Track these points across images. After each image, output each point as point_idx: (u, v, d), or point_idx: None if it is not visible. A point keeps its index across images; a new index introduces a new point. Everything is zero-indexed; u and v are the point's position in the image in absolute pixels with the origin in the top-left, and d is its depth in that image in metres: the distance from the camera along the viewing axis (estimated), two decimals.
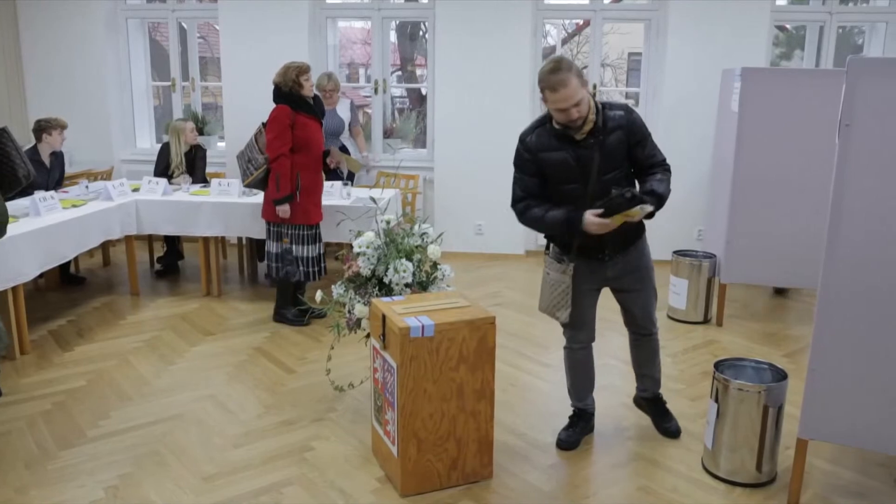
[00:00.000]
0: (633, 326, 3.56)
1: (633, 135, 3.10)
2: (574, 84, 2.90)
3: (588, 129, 3.03)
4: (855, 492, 3.14)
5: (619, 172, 3.12)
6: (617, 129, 3.07)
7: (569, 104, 2.92)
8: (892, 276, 2.71)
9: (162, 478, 3.20)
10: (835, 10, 6.66)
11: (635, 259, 3.33)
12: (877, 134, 2.67)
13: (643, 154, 3.15)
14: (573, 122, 2.98)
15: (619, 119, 3.08)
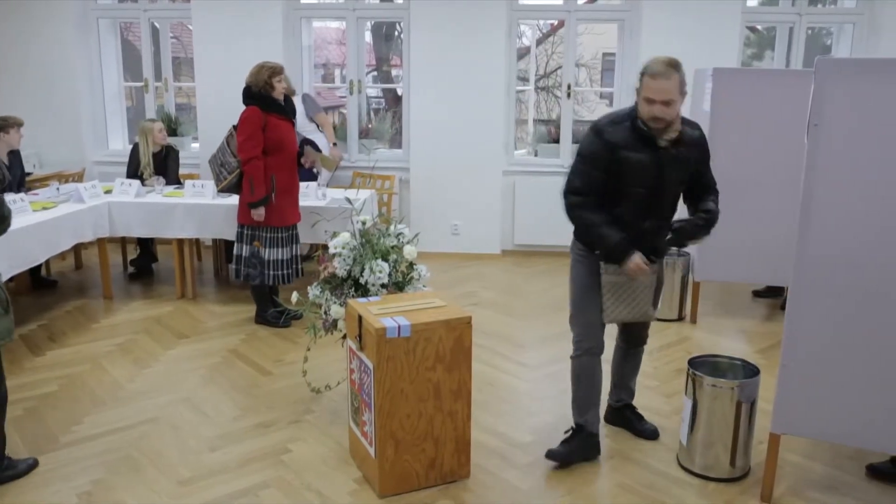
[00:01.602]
0: (631, 338, 3.50)
1: (704, 154, 3.18)
2: (675, 83, 2.91)
3: (672, 138, 3.01)
4: (826, 485, 3.19)
5: (682, 188, 3.19)
6: (694, 145, 3.10)
7: (661, 98, 2.89)
8: (861, 273, 2.76)
9: (137, 483, 3.16)
10: (804, 11, 6.76)
11: (660, 270, 3.33)
12: (844, 133, 2.71)
13: (705, 174, 3.22)
14: (655, 119, 2.94)
15: (696, 137, 3.12)
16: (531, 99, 9.71)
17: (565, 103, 7.21)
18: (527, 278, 6.44)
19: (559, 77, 11.60)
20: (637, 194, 3.08)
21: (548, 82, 14.97)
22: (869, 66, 2.73)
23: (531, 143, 7.70)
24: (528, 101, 10.44)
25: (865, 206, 2.72)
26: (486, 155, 6.96)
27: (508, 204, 7.10)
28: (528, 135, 8.28)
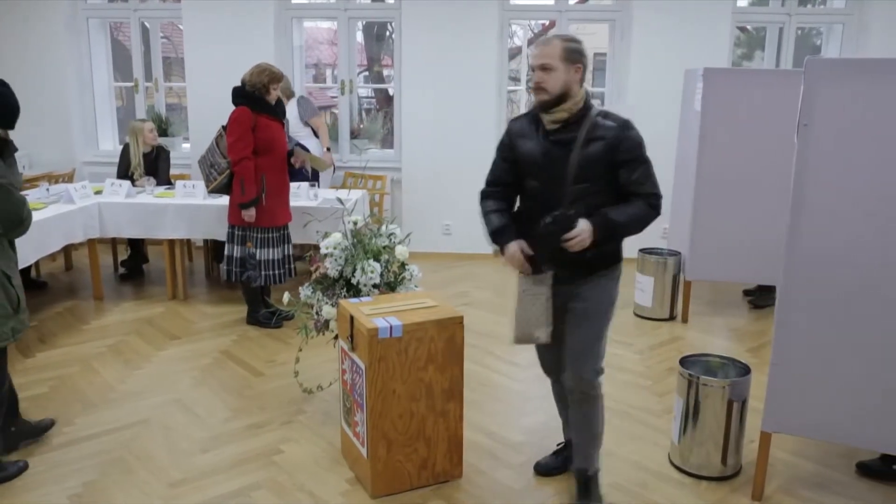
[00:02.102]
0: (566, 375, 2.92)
1: (619, 152, 2.68)
2: (556, 49, 2.64)
3: (559, 119, 2.70)
4: (817, 483, 3.21)
5: (591, 187, 2.70)
6: (601, 139, 2.67)
7: (537, 62, 2.66)
8: (850, 272, 2.77)
9: (128, 485, 3.15)
10: (794, 11, 6.79)
11: (598, 291, 2.87)
12: (834, 133, 2.73)
13: (627, 178, 2.70)
14: (536, 90, 2.68)
15: (608, 130, 2.68)
16: (522, 99, 9.69)
17: None
18: None
19: None
20: (532, 188, 2.85)
21: None
22: (858, 66, 2.74)
23: None
24: (520, 101, 10.43)
25: (855, 206, 2.73)
26: (478, 155, 6.92)
27: None
28: None
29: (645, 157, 2.73)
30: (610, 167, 2.70)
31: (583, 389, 2.86)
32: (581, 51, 2.70)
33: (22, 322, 3.09)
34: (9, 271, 3.00)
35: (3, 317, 2.99)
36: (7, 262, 3.01)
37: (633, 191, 2.72)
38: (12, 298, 3.01)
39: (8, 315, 3.00)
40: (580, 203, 2.68)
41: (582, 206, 2.67)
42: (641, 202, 2.72)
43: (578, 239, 2.62)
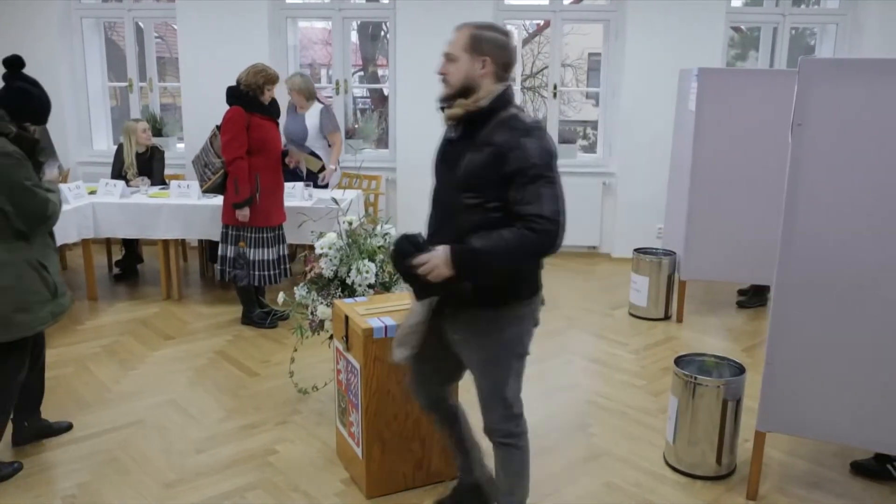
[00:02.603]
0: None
1: (506, 163, 2.23)
2: (463, 37, 2.37)
3: (453, 116, 2.38)
4: (811, 482, 3.22)
5: (483, 201, 2.28)
6: (490, 145, 2.27)
7: (445, 49, 2.41)
8: (844, 271, 2.78)
9: (122, 485, 3.14)
10: (788, 11, 6.81)
11: (483, 332, 2.45)
12: (828, 133, 2.74)
13: (513, 196, 2.24)
14: (441, 77, 2.42)
15: (502, 136, 2.27)
16: (517, 99, 9.71)
17: (551, 103, 7.23)
18: None
19: (545, 77, 11.64)
20: (432, 193, 2.52)
21: (534, 82, 15.02)
22: (852, 66, 2.75)
23: None
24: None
25: (849, 205, 2.74)
26: None
27: None
28: None
29: (539, 173, 2.23)
30: (505, 181, 2.25)
31: (495, 438, 2.61)
32: (494, 42, 2.36)
33: (60, 305, 3.23)
34: (44, 260, 3.13)
35: (40, 302, 3.10)
36: (42, 250, 3.15)
37: (518, 212, 2.23)
38: (49, 284, 3.14)
39: (45, 300, 3.12)
40: (470, 217, 2.29)
41: (470, 222, 2.28)
42: (520, 226, 2.21)
43: (428, 267, 2.22)
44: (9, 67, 3.09)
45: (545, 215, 2.21)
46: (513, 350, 2.50)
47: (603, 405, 3.96)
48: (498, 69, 2.36)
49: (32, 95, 3.09)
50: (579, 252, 7.15)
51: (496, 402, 2.53)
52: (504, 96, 2.36)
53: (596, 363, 4.55)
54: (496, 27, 2.44)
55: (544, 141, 2.29)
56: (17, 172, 2.92)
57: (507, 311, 2.43)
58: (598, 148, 7.28)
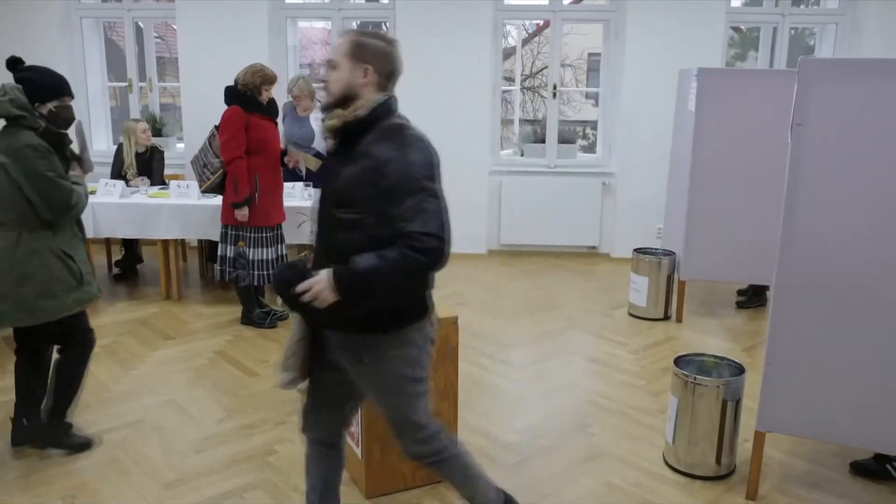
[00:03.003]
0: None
1: (384, 176, 2.11)
2: (344, 46, 2.23)
3: (330, 128, 2.25)
4: (811, 482, 3.22)
5: (362, 218, 2.15)
6: (367, 157, 2.15)
7: (328, 55, 2.27)
8: (843, 271, 2.78)
9: (121, 485, 3.14)
10: (787, 11, 6.81)
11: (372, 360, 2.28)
12: (827, 133, 2.73)
13: (395, 211, 2.10)
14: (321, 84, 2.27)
15: (380, 147, 2.16)
16: (517, 99, 9.73)
17: (551, 103, 7.23)
18: (513, 278, 6.45)
19: (545, 77, 11.64)
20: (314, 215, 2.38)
21: (533, 82, 15.03)
22: (851, 66, 2.75)
23: (517, 143, 7.71)
24: (514, 101, 10.47)
25: (848, 205, 2.74)
26: (473, 155, 6.96)
27: (495, 204, 7.11)
28: (514, 135, 8.30)
29: (421, 187, 2.12)
30: (385, 195, 2.11)
31: (419, 462, 2.50)
32: (377, 50, 2.26)
33: (87, 293, 3.32)
34: (69, 250, 3.23)
35: (66, 290, 3.20)
36: (68, 240, 3.25)
37: (400, 229, 2.08)
38: (74, 273, 3.22)
39: (71, 288, 3.22)
40: (351, 235, 2.16)
41: (352, 241, 2.14)
42: (403, 244, 2.07)
43: (312, 294, 2.06)
44: (10, 68, 3.22)
45: (430, 232, 2.08)
46: (406, 375, 2.31)
47: (603, 405, 3.96)
48: (381, 78, 2.27)
49: (33, 79, 3.19)
50: (579, 252, 7.16)
51: (405, 428, 2.39)
52: (385, 106, 2.26)
53: (596, 363, 4.55)
54: (380, 35, 2.35)
55: (426, 152, 2.20)
56: (41, 163, 3.06)
57: (396, 336, 2.27)
58: (598, 148, 7.28)
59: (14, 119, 3.06)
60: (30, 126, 3.08)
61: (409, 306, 2.30)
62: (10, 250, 3.10)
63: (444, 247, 2.13)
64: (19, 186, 3.05)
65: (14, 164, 3.04)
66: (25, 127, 3.07)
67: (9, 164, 3.04)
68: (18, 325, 3.23)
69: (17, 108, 3.05)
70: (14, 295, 3.11)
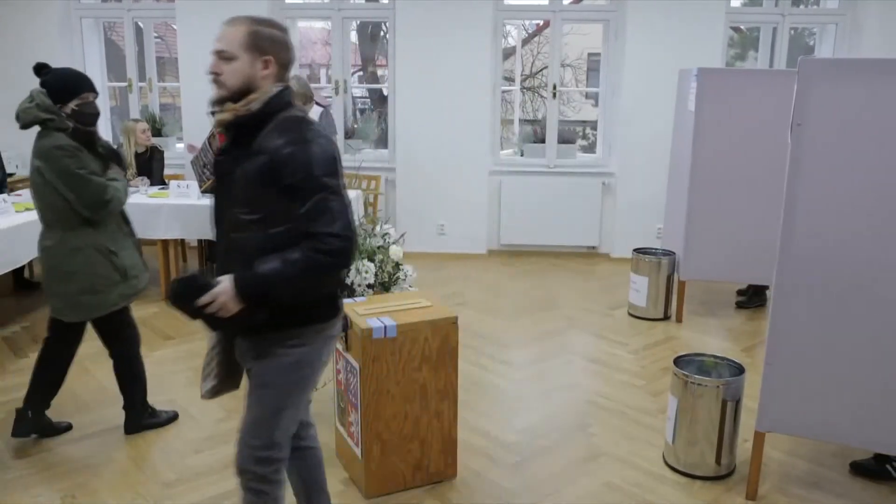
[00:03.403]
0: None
1: (283, 174, 1.99)
2: (239, 32, 2.08)
3: (222, 122, 2.12)
4: (810, 482, 3.22)
5: (257, 216, 2.05)
6: (264, 153, 2.02)
7: (215, 46, 2.10)
8: (843, 271, 2.78)
9: (121, 485, 3.14)
10: (787, 11, 6.81)
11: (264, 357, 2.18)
12: (827, 133, 2.73)
13: (297, 211, 2.00)
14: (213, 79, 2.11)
15: (277, 142, 2.02)
16: (517, 99, 9.72)
17: (551, 103, 7.23)
18: (513, 278, 6.45)
19: (545, 77, 11.64)
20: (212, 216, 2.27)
21: (533, 82, 15.02)
22: (851, 66, 2.75)
23: (517, 142, 7.71)
24: (514, 101, 10.47)
25: (848, 205, 2.74)
26: (473, 155, 6.97)
27: (494, 204, 7.11)
28: (514, 135, 8.30)
29: (322, 184, 2.00)
30: (284, 193, 2.00)
31: (245, 480, 2.29)
32: (276, 39, 2.12)
33: (132, 287, 3.44)
34: (113, 246, 3.33)
35: (110, 285, 3.32)
36: (112, 235, 3.35)
37: (305, 230, 1.99)
38: (118, 268, 3.34)
39: (114, 283, 3.34)
40: (252, 237, 2.05)
41: (253, 243, 2.05)
42: (308, 245, 1.98)
43: (216, 305, 1.98)
44: (38, 74, 3.37)
45: (335, 232, 1.98)
46: (292, 377, 2.20)
47: (603, 405, 3.96)
48: (280, 69, 2.13)
49: (53, 82, 3.32)
50: (579, 252, 7.15)
51: (253, 434, 2.23)
52: (281, 98, 2.11)
53: (596, 363, 4.55)
54: (275, 23, 2.18)
55: (326, 147, 2.05)
56: (70, 162, 3.16)
57: (294, 336, 2.15)
58: (598, 148, 7.28)
59: (44, 123, 3.19)
60: (59, 128, 3.19)
61: (311, 305, 2.16)
62: (55, 249, 3.23)
63: (350, 246, 2.03)
64: (55, 187, 3.16)
65: (46, 165, 3.16)
66: (55, 129, 3.19)
67: (43, 166, 3.16)
68: (67, 320, 3.34)
69: (44, 112, 3.18)
70: (62, 292, 3.26)
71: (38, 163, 3.17)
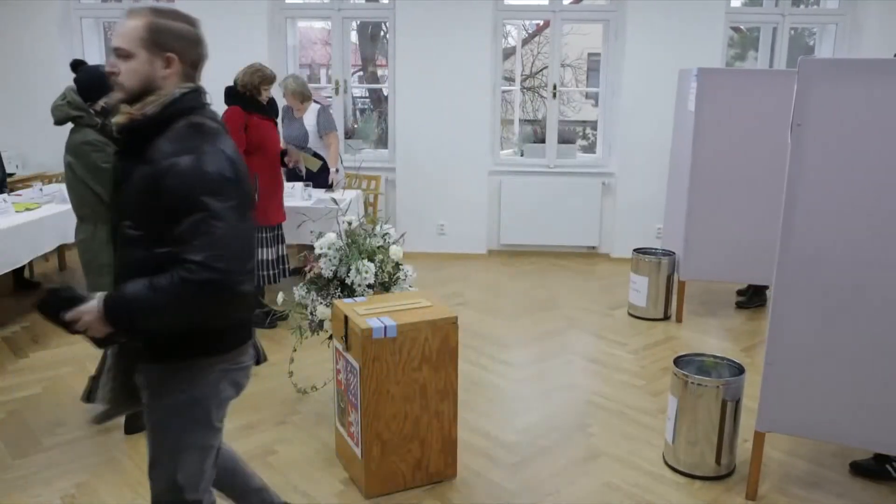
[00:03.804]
0: None
1: (162, 189, 1.77)
2: (138, 32, 1.84)
3: (118, 125, 1.92)
4: (810, 482, 3.22)
5: (139, 231, 1.87)
6: (149, 164, 1.82)
7: (113, 42, 1.89)
8: (843, 272, 2.78)
9: (120, 485, 3.14)
10: (787, 11, 6.81)
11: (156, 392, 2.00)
12: (827, 133, 2.73)
13: (171, 233, 1.77)
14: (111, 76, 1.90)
15: (163, 152, 1.81)
16: (517, 99, 9.72)
17: (551, 103, 7.23)
18: (513, 278, 6.45)
19: (545, 77, 11.64)
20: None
21: (533, 82, 15.02)
22: (851, 66, 2.75)
23: (517, 142, 7.72)
24: (514, 101, 10.47)
25: (848, 205, 2.74)
26: (473, 155, 6.96)
27: (494, 204, 7.11)
28: (514, 135, 8.31)
29: (201, 204, 1.75)
30: (163, 210, 1.78)
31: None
32: (181, 34, 1.89)
33: None
34: None
35: None
36: None
37: (179, 252, 1.76)
38: None
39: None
40: (134, 253, 1.88)
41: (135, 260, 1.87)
42: (175, 272, 1.74)
43: (82, 324, 1.80)
44: (73, 69, 3.52)
45: (200, 261, 1.72)
46: (187, 417, 1.99)
47: (602, 405, 3.96)
48: (186, 68, 1.91)
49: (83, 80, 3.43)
50: (579, 252, 7.15)
51: (159, 478, 2.06)
52: (185, 100, 1.89)
53: (595, 363, 4.55)
54: (181, 15, 1.93)
55: (218, 162, 1.80)
56: (98, 157, 3.30)
57: (187, 370, 1.96)
58: (598, 148, 7.28)
59: (74, 119, 3.35)
60: (88, 124, 3.35)
61: (207, 337, 1.94)
62: (88, 242, 3.38)
63: (220, 280, 1.74)
64: (85, 182, 3.31)
65: (76, 161, 3.32)
66: (85, 125, 3.35)
67: (73, 161, 3.33)
68: None
69: (75, 110, 3.34)
70: (99, 284, 3.28)
71: (69, 158, 3.32)
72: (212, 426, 2.06)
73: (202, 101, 1.95)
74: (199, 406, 2.00)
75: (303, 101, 5.91)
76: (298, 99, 5.86)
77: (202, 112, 1.93)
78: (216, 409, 2.05)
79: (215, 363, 1.99)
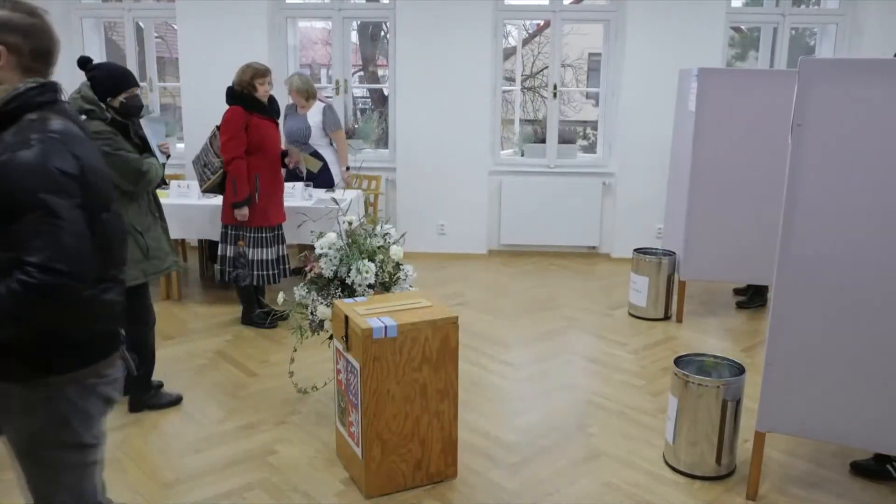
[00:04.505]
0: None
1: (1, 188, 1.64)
2: None
3: None
4: (810, 482, 3.22)
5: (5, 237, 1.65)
6: None
7: None
8: (843, 272, 2.78)
9: (120, 485, 3.14)
10: (788, 11, 6.81)
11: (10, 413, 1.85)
12: (827, 133, 2.73)
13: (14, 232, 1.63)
14: None
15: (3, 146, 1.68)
16: (517, 99, 9.71)
17: (551, 103, 7.23)
18: (513, 278, 6.45)
19: (545, 77, 11.64)
20: None
21: (534, 82, 15.02)
22: (851, 66, 2.75)
23: (517, 142, 7.72)
24: (515, 101, 10.47)
25: (848, 205, 2.74)
26: (473, 155, 6.96)
27: (495, 204, 7.11)
28: (515, 135, 8.30)
29: (38, 201, 1.62)
30: (6, 207, 1.64)
31: None
32: (11, 24, 1.78)
33: (153, 266, 3.70)
34: (139, 226, 3.63)
35: (134, 261, 3.53)
36: (138, 216, 3.64)
37: (16, 258, 1.61)
38: (142, 247, 3.61)
39: (138, 260, 3.59)
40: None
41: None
42: (14, 275, 1.60)
43: None
44: (81, 67, 3.55)
45: (35, 262, 1.59)
46: (52, 439, 1.85)
47: (602, 405, 3.96)
48: (24, 59, 1.80)
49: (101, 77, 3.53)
50: (579, 252, 7.15)
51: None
52: (28, 95, 1.76)
53: (595, 363, 4.55)
54: (22, 5, 1.82)
55: (61, 156, 1.68)
56: (102, 143, 3.36)
57: (44, 387, 1.79)
58: (598, 148, 7.28)
59: (86, 112, 3.44)
60: (98, 118, 3.46)
61: (64, 351, 1.79)
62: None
63: (60, 283, 1.61)
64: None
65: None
66: (96, 119, 3.45)
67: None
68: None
69: (87, 103, 3.45)
70: None
71: None
72: (83, 445, 1.92)
73: (53, 97, 1.83)
74: (67, 426, 1.85)
75: (307, 99, 5.93)
76: (303, 96, 5.88)
77: (53, 108, 1.80)
78: (84, 427, 1.89)
79: (80, 377, 1.84)
